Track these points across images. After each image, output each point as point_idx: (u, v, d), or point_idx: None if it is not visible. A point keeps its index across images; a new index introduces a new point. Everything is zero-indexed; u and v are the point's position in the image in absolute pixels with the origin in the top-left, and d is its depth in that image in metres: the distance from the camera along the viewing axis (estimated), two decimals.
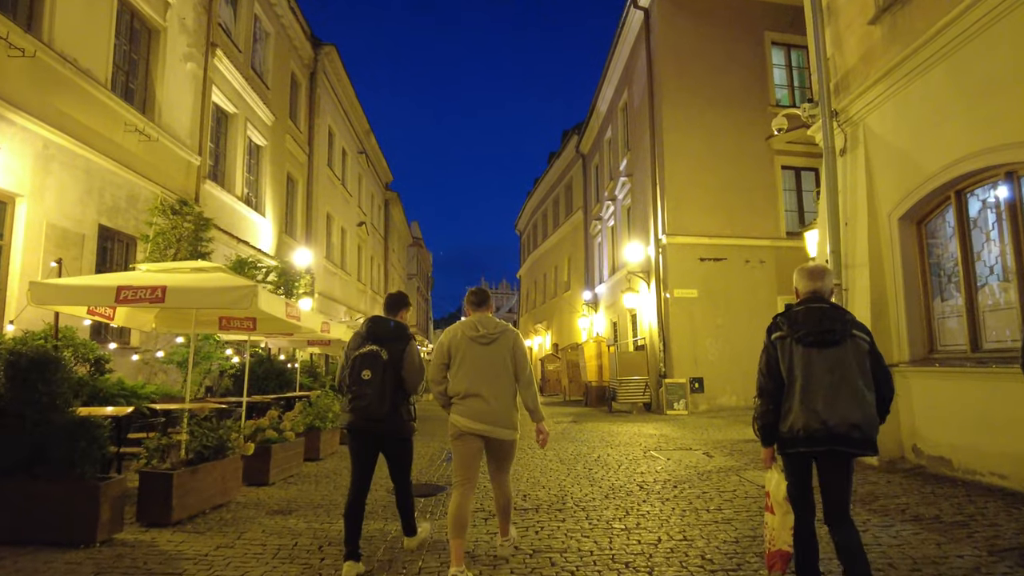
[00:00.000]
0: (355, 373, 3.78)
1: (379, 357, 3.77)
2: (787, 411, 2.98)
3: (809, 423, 2.87)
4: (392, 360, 3.79)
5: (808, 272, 3.23)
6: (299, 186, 18.90)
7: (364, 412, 3.73)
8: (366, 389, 3.72)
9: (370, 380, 3.72)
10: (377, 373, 3.73)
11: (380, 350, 3.79)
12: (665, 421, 13.08)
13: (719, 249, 15.48)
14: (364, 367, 3.76)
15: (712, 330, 15.13)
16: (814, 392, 2.89)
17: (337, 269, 21.72)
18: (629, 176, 18.77)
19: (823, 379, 2.90)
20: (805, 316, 3.01)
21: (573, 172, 29.36)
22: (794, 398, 2.95)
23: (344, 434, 6.40)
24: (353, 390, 3.78)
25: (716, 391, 14.92)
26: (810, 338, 2.94)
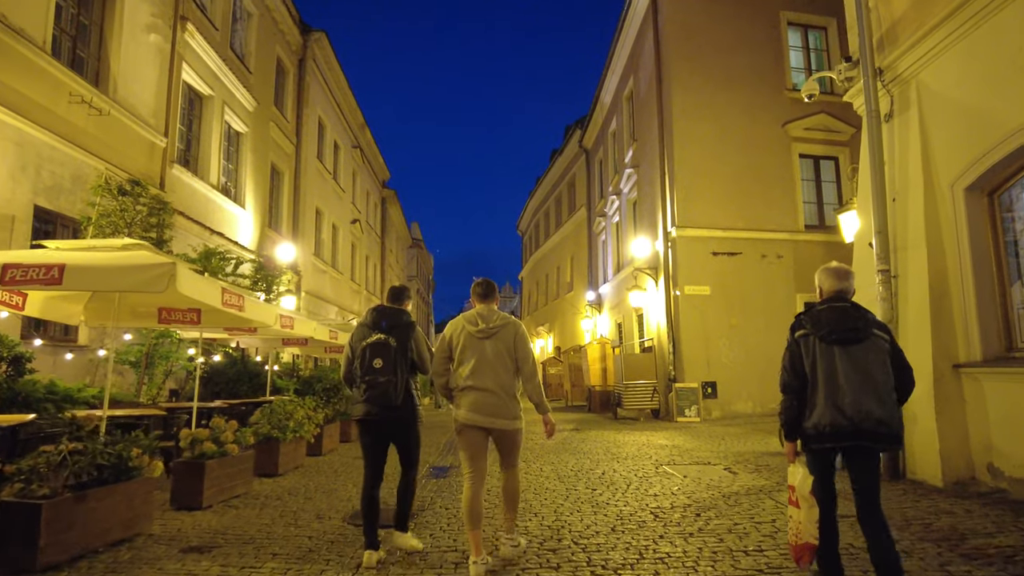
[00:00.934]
0: (366, 362, 3.80)
1: (388, 345, 3.81)
2: (812, 407, 3.05)
3: (835, 419, 2.95)
4: (401, 346, 3.86)
5: (834, 272, 3.28)
6: (285, 178, 17.84)
7: (380, 400, 3.77)
8: (379, 377, 3.75)
9: (382, 368, 3.76)
10: (388, 361, 3.78)
11: (388, 338, 3.84)
12: (676, 429, 11.92)
13: (733, 243, 14.33)
14: (375, 356, 3.79)
15: (726, 330, 13.98)
16: (839, 389, 2.96)
17: (327, 267, 20.64)
18: (635, 167, 17.65)
19: (847, 376, 2.96)
20: (828, 315, 3.09)
21: (576, 168, 28.27)
22: (819, 395, 3.02)
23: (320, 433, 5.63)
24: (367, 379, 3.79)
25: (731, 396, 13.76)
26: (833, 336, 3.02)
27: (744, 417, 13.48)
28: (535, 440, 10.30)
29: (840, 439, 2.95)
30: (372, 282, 29.11)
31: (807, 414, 3.07)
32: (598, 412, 16.93)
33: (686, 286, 13.94)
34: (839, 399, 2.95)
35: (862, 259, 7.12)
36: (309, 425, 7.51)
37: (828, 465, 3.13)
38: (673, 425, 12.77)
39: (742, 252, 14.32)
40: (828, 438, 2.98)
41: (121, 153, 9.70)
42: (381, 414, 3.83)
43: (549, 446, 9.61)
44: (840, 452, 3.08)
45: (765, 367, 13.77)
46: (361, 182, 26.71)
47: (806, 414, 3.08)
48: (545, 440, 10.35)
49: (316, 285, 19.42)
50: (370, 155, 28.33)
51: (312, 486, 6.44)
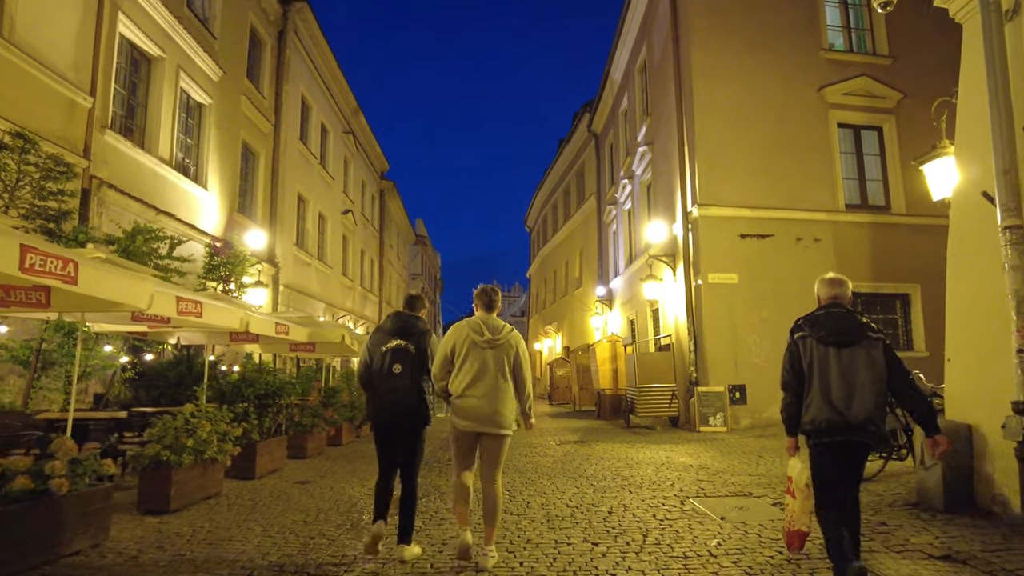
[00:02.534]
0: (386, 367, 3.94)
1: (408, 351, 3.98)
2: (809, 405, 3.26)
3: (830, 415, 3.17)
4: (419, 353, 4.01)
5: (829, 282, 3.56)
6: (261, 160, 16.13)
7: (398, 405, 3.92)
8: (398, 383, 3.91)
9: (401, 374, 3.92)
10: (407, 367, 3.94)
11: (407, 345, 4.00)
12: (700, 442, 10.02)
13: (764, 223, 12.39)
14: (395, 361, 3.95)
15: (756, 325, 12.04)
16: (833, 387, 3.19)
17: (312, 259, 18.92)
18: (649, 144, 15.76)
19: (840, 376, 3.19)
20: (824, 319, 3.35)
21: (585, 156, 26.40)
22: (815, 392, 3.24)
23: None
24: (385, 383, 3.93)
25: (762, 402, 11.82)
26: (830, 338, 3.26)
27: (778, 426, 11.50)
28: (529, 459, 8.48)
29: (834, 434, 3.18)
30: (369, 279, 27.38)
31: (805, 411, 3.27)
32: (608, 419, 15.05)
33: (710, 274, 12.02)
34: (832, 397, 3.18)
35: (969, 217, 5.23)
36: (225, 444, 5.72)
37: (827, 460, 3.25)
38: (696, 436, 10.87)
39: (774, 234, 12.38)
40: (824, 433, 3.20)
41: (23, 108, 7.98)
42: (396, 419, 3.99)
43: (545, 467, 7.77)
44: (837, 446, 3.21)
45: None
46: (355, 171, 24.99)
47: (804, 411, 3.28)
48: (541, 459, 8.51)
49: (298, 279, 17.71)
50: (365, 143, 26.62)
51: (218, 530, 4.65)
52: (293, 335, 8.67)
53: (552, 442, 10.57)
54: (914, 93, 13.21)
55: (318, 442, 9.13)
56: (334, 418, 9.29)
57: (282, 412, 7.89)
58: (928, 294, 12.68)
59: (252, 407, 6.88)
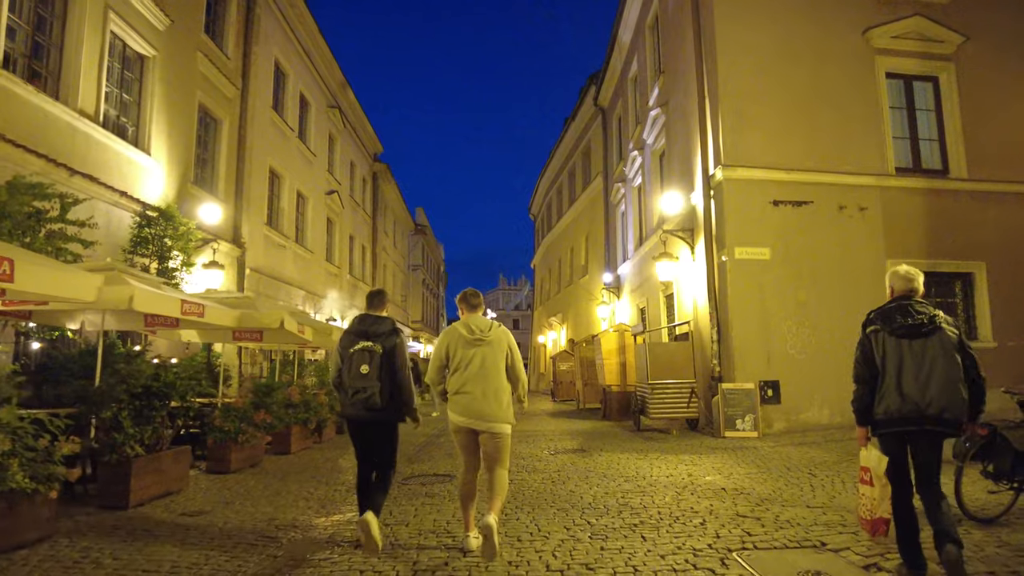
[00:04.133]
0: (354, 369, 4.03)
1: (374, 352, 4.06)
2: (882, 396, 3.32)
3: (903, 406, 3.23)
4: (386, 354, 4.09)
5: (903, 275, 3.54)
6: (224, 127, 14.28)
7: (366, 404, 4.01)
8: (365, 383, 4.00)
9: (368, 374, 4.01)
10: (374, 368, 4.03)
11: (374, 346, 4.08)
12: (727, 452, 8.11)
13: (800, 188, 10.42)
14: (362, 363, 4.03)
15: (792, 309, 10.10)
16: (907, 379, 3.24)
17: (287, 242, 17.08)
18: (662, 106, 13.79)
19: (914, 367, 3.24)
20: (897, 311, 3.36)
21: (591, 134, 24.43)
22: (889, 384, 3.29)
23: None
24: (354, 385, 4.01)
25: (799, 401, 9.89)
26: (902, 330, 3.29)
27: (819, 430, 9.61)
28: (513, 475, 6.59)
29: (907, 424, 3.23)
30: (359, 266, 25.55)
31: (878, 401, 3.34)
32: (615, 420, 13.15)
33: (736, 248, 10.07)
34: (907, 388, 3.22)
35: None
36: (47, 467, 3.87)
37: (899, 450, 3.33)
38: (721, 444, 8.95)
39: (812, 201, 10.40)
40: (896, 423, 3.27)
41: None
42: (367, 416, 4.09)
43: (530, 491, 5.90)
44: (907, 436, 3.28)
45: (846, 359, 9.81)
46: (342, 149, 23.13)
47: (877, 402, 3.34)
48: (527, 476, 6.64)
49: (270, 262, 15.89)
50: (354, 120, 24.75)
51: None
52: (213, 318, 6.85)
53: (546, 450, 8.69)
54: (978, 35, 11.20)
55: (249, 452, 7.30)
56: (269, 422, 7.44)
57: (181, 416, 6.05)
58: (996, 274, 10.69)
59: (126, 411, 5.03)
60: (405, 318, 37.85)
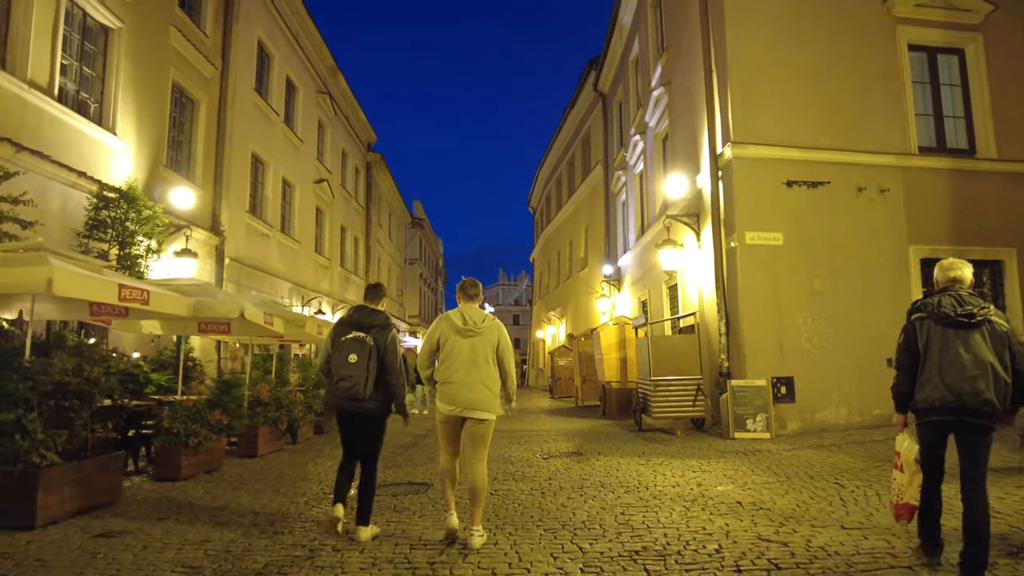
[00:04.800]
0: (342, 357, 4.08)
1: (365, 343, 4.09)
2: (923, 383, 3.29)
3: (944, 395, 3.17)
4: (377, 346, 4.12)
5: (948, 267, 3.47)
6: (201, 109, 13.47)
7: (348, 392, 4.04)
8: (352, 372, 4.03)
9: (356, 363, 4.04)
10: (363, 358, 4.05)
11: (366, 336, 4.11)
12: (739, 455, 7.31)
13: (816, 168, 9.60)
14: (351, 351, 4.07)
15: (807, 300, 9.29)
16: (950, 368, 3.17)
17: (271, 231, 16.27)
18: (665, 85, 12.95)
19: (957, 357, 3.17)
20: (945, 300, 3.31)
21: (591, 122, 23.60)
22: (931, 372, 3.25)
23: None
24: (339, 373, 4.06)
25: (815, 399, 9.08)
26: (948, 320, 3.24)
27: (837, 431, 8.80)
28: (499, 483, 5.81)
29: (947, 413, 3.18)
30: (352, 259, 24.73)
31: (918, 389, 3.31)
32: (615, 418, 12.36)
33: (747, 232, 9.26)
34: (948, 378, 3.16)
35: None
36: None
37: (937, 438, 3.32)
38: (731, 446, 8.15)
39: (830, 182, 9.58)
40: (936, 412, 3.22)
41: None
42: (349, 405, 4.11)
43: (515, 504, 5.10)
44: (951, 428, 3.23)
45: (865, 354, 9.11)
46: (332, 137, 22.29)
47: (918, 389, 3.32)
48: (514, 485, 5.85)
49: (252, 252, 15.09)
50: (346, 107, 23.90)
51: None
52: (161, 306, 6.06)
53: (538, 453, 7.90)
54: (1007, 4, 10.35)
55: (205, 457, 6.51)
56: (225, 423, 6.64)
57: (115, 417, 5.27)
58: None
59: (35, 413, 4.24)
60: (401, 312, 37.07)
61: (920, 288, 9.56)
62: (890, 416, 3.72)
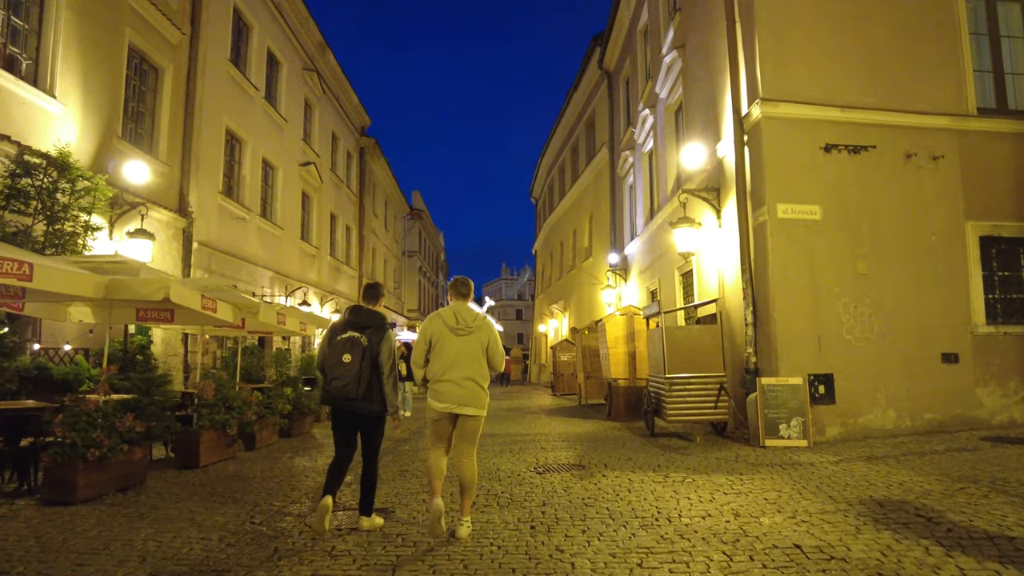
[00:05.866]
0: (336, 356, 4.12)
1: (359, 343, 4.14)
2: None
3: None
4: (371, 346, 4.16)
5: None
6: (166, 77, 12.17)
7: (341, 391, 4.07)
8: (345, 371, 4.07)
9: (349, 363, 4.08)
10: (356, 358, 4.09)
11: (360, 337, 4.16)
12: (776, 470, 5.99)
13: (858, 131, 8.23)
14: (345, 351, 4.11)
15: (850, 283, 7.95)
16: None
17: (249, 215, 14.97)
18: (679, 49, 11.58)
19: None
20: None
21: (596, 102, 22.21)
22: None
23: None
24: (334, 371, 4.10)
25: (858, 401, 7.74)
26: None
27: (884, 437, 7.47)
28: (481, 512, 4.52)
29: None
30: (343, 248, 23.42)
31: None
32: (623, 420, 11.05)
33: (779, 205, 7.91)
34: None
35: None
36: None
37: None
38: (762, 456, 6.82)
39: (875, 146, 8.21)
40: None
41: None
42: (342, 404, 4.14)
43: (493, 549, 3.79)
44: None
45: (916, 347, 7.78)
46: (321, 118, 20.97)
47: None
48: (499, 517, 4.55)
49: (226, 237, 13.81)
50: (337, 88, 22.57)
51: None
52: (49, 283, 4.76)
53: (532, 466, 6.59)
54: None
55: (116, 472, 5.22)
56: (139, 431, 5.34)
57: None
58: None
59: None
60: (399, 306, 35.79)
61: (979, 270, 8.21)
62: (946, 421, 2.60)
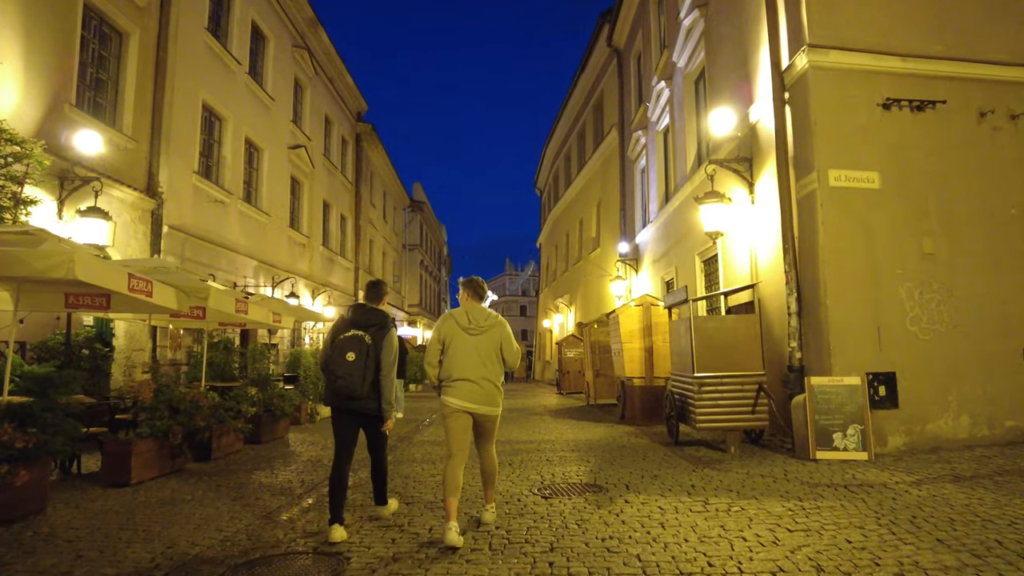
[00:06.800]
0: (340, 355, 4.06)
1: (363, 341, 4.10)
2: None
3: None
4: (374, 344, 4.13)
5: None
6: (131, 43, 10.96)
7: (345, 390, 4.02)
8: (348, 370, 4.01)
9: (353, 362, 4.03)
10: (360, 356, 4.05)
11: (364, 335, 4.13)
12: (841, 494, 4.74)
13: (923, 84, 6.96)
14: (348, 349, 4.06)
15: (913, 265, 6.69)
16: None
17: (229, 198, 13.76)
18: (700, 8, 10.29)
19: None
20: None
21: (604, 82, 20.93)
22: None
23: None
24: (337, 370, 4.03)
25: (925, 404, 6.49)
26: None
27: (958, 449, 6.22)
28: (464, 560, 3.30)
29: None
30: (337, 238, 22.19)
31: None
32: (640, 424, 9.81)
33: (831, 171, 6.64)
34: None
35: None
36: None
37: None
38: (818, 473, 5.57)
39: (944, 102, 6.93)
40: None
41: None
42: (345, 403, 4.09)
43: None
44: None
45: (992, 340, 6.52)
46: (313, 100, 19.74)
47: None
48: (488, 567, 3.31)
49: (202, 221, 12.61)
50: (330, 68, 21.34)
51: None
52: None
53: (537, 486, 5.37)
54: None
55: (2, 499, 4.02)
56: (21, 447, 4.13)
57: None
58: None
59: None
60: (400, 301, 34.60)
61: None
62: None
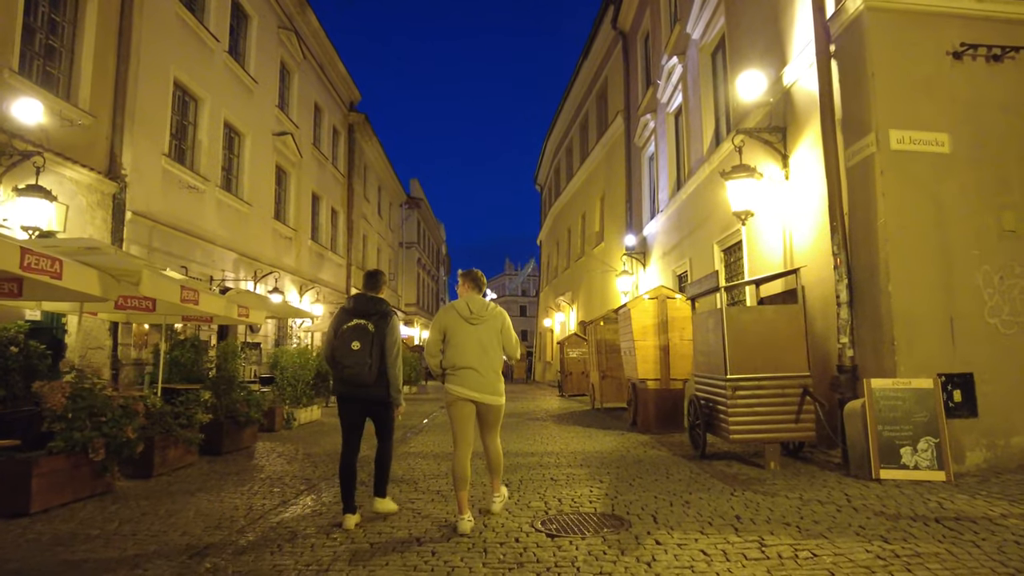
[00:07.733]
0: (346, 344, 4.13)
1: (367, 330, 4.16)
2: None
3: None
4: (378, 332, 4.19)
5: None
6: (89, 8, 9.88)
7: (353, 379, 4.11)
8: (355, 358, 4.09)
9: (359, 351, 4.10)
10: (365, 344, 4.12)
11: (367, 323, 4.18)
12: (932, 532, 3.65)
13: (1001, 30, 5.85)
14: (354, 339, 4.13)
15: (992, 245, 5.58)
16: None
17: (205, 185, 12.62)
18: None
19: None
20: None
21: (609, 68, 19.82)
22: None
23: None
24: (344, 360, 4.11)
25: (1010, 413, 5.37)
26: None
27: None
28: None
29: None
30: (327, 232, 21.06)
31: None
32: (654, 432, 8.70)
33: (893, 132, 5.53)
34: None
35: None
36: None
37: None
38: (887, 499, 4.47)
39: None
40: None
41: None
42: (354, 392, 4.17)
43: None
44: None
45: None
46: (301, 85, 18.64)
47: None
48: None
49: (172, 209, 11.49)
50: (320, 54, 20.25)
51: None
52: None
53: (537, 515, 4.28)
54: None
55: None
56: None
57: None
58: None
59: None
60: (396, 300, 33.48)
61: None
62: None
